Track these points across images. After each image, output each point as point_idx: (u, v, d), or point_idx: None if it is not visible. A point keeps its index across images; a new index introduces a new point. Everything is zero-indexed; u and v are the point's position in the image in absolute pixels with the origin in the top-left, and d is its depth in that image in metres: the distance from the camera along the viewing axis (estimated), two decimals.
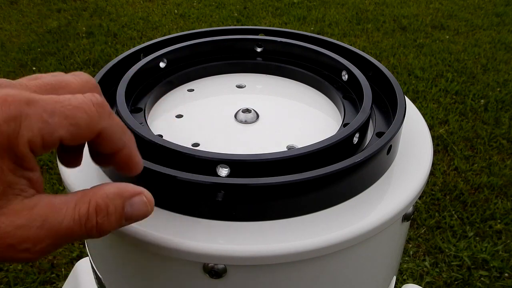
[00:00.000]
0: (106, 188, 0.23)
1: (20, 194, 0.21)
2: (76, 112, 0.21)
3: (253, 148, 0.36)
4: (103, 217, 0.22)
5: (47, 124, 0.20)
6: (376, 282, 0.37)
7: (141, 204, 0.24)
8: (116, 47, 2.34)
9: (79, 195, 0.22)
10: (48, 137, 0.21)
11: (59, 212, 0.21)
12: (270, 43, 0.47)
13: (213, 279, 0.29)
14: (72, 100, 0.21)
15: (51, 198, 0.21)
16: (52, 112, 0.21)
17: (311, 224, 0.29)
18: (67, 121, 0.21)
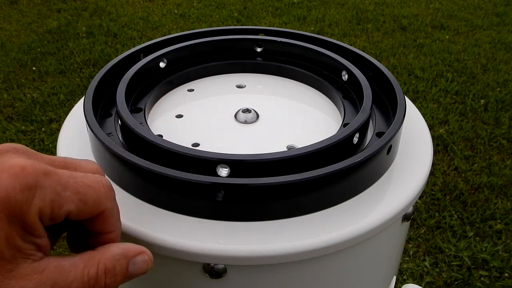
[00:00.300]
0: (112, 250, 0.24)
1: (29, 258, 0.21)
2: (87, 189, 0.23)
3: (253, 148, 0.36)
4: (111, 277, 0.23)
5: (59, 197, 0.21)
6: (376, 282, 0.37)
7: (143, 262, 0.25)
8: (116, 47, 2.34)
9: (86, 258, 0.23)
10: (57, 209, 0.22)
11: (68, 275, 0.22)
12: (270, 43, 0.47)
13: (213, 279, 0.29)
14: (85, 178, 0.23)
15: (59, 260, 0.22)
16: (65, 186, 0.22)
17: (311, 224, 0.29)
18: (77, 197, 0.22)
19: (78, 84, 2.02)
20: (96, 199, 0.23)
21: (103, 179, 0.24)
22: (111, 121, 0.38)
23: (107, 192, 0.24)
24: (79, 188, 0.22)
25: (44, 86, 2.01)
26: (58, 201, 0.21)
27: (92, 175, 0.23)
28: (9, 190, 0.20)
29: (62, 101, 1.90)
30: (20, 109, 1.84)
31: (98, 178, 0.24)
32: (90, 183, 0.23)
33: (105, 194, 0.23)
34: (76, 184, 0.22)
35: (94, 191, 0.23)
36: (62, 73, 2.12)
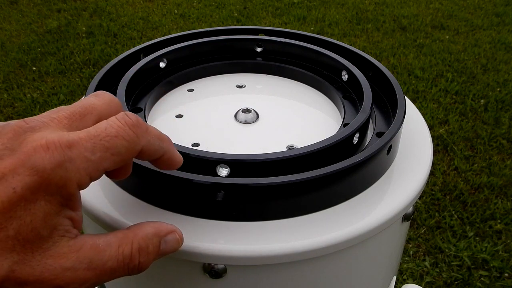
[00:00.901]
0: (144, 228, 0.24)
1: (64, 235, 0.21)
2: (115, 141, 0.22)
3: (253, 148, 0.36)
4: (144, 256, 0.24)
5: (91, 162, 0.21)
6: (376, 282, 0.37)
7: (174, 241, 0.25)
8: (116, 47, 2.34)
9: (120, 236, 0.23)
10: (94, 173, 0.21)
11: (104, 254, 0.22)
12: (270, 43, 0.47)
13: (213, 279, 0.29)
14: (109, 129, 0.22)
15: (94, 239, 0.22)
16: (93, 149, 0.21)
17: (311, 224, 0.29)
18: (108, 153, 0.22)
19: (78, 84, 2.02)
20: (128, 146, 0.22)
21: (127, 118, 0.23)
22: None
23: (137, 131, 0.23)
24: (107, 144, 0.21)
25: (44, 86, 2.01)
26: (92, 167, 0.21)
27: (115, 119, 0.22)
28: (40, 172, 0.20)
29: (62, 101, 1.90)
30: (20, 109, 1.84)
31: (123, 120, 0.22)
32: (115, 133, 0.22)
33: (136, 134, 0.22)
34: (103, 141, 0.21)
35: (123, 139, 0.22)
36: (62, 73, 2.12)
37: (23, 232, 0.20)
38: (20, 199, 0.20)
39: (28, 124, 0.21)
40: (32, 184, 0.20)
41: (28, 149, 0.20)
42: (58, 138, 0.21)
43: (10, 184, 0.19)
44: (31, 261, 0.20)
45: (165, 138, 0.25)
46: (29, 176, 0.20)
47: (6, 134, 0.21)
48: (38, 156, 0.20)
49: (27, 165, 0.20)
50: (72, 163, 0.20)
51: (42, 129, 0.21)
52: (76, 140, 0.21)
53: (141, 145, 0.23)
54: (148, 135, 0.23)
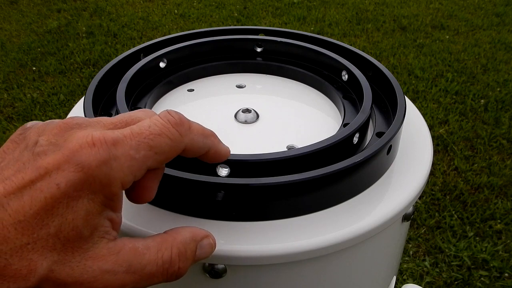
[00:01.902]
0: (182, 233, 0.24)
1: (104, 237, 0.21)
2: (159, 139, 0.21)
3: (253, 148, 0.36)
4: (183, 261, 0.23)
5: (135, 161, 0.21)
6: (376, 282, 0.37)
7: (208, 246, 0.25)
8: (116, 47, 2.34)
9: (159, 241, 0.23)
10: (137, 172, 0.21)
11: (143, 257, 0.22)
12: (270, 43, 0.47)
13: (213, 279, 0.29)
14: (152, 127, 0.22)
15: (134, 242, 0.22)
16: (137, 147, 0.21)
17: (311, 224, 0.29)
18: (152, 151, 0.21)
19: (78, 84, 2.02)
20: (171, 144, 0.22)
21: (170, 116, 0.22)
22: None
23: (180, 129, 0.22)
24: (151, 142, 0.21)
25: (44, 86, 2.01)
26: (136, 165, 0.21)
27: (158, 117, 0.22)
28: (86, 168, 0.19)
29: (62, 101, 1.90)
30: (20, 109, 1.84)
31: (166, 118, 0.22)
32: (159, 131, 0.22)
33: (179, 133, 0.22)
34: (147, 139, 0.21)
35: (167, 137, 0.22)
36: (62, 73, 2.12)
37: (65, 230, 0.19)
38: (64, 196, 0.19)
39: (74, 121, 0.21)
40: (77, 181, 0.19)
41: (73, 145, 0.20)
42: (103, 135, 0.20)
43: (54, 180, 0.19)
44: (71, 261, 0.20)
45: (208, 134, 0.25)
46: (73, 173, 0.19)
47: (52, 130, 0.21)
48: (84, 153, 0.19)
49: (72, 162, 0.19)
50: (117, 161, 0.20)
51: (88, 128, 0.21)
52: (121, 138, 0.21)
53: (184, 143, 0.23)
54: (191, 133, 0.23)
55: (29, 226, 0.19)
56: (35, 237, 0.19)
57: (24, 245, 0.18)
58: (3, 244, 0.18)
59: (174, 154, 0.23)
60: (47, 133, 0.21)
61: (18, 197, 0.19)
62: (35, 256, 0.19)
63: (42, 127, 0.21)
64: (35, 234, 0.19)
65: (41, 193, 0.19)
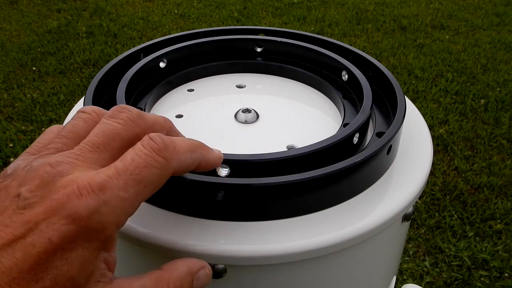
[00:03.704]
0: (178, 268, 0.23)
1: (100, 281, 0.21)
2: (145, 172, 0.21)
3: (253, 148, 0.36)
4: None
5: (127, 201, 0.20)
6: (376, 282, 0.37)
7: (204, 277, 0.24)
8: (116, 47, 2.34)
9: (153, 279, 0.22)
10: (130, 210, 0.21)
11: None
12: (270, 43, 0.47)
13: (213, 279, 0.29)
14: (136, 160, 0.21)
15: (130, 282, 0.22)
16: (125, 186, 0.20)
17: (311, 224, 0.29)
18: (141, 186, 0.21)
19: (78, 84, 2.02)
20: (159, 173, 0.21)
21: (152, 142, 0.22)
22: None
23: (165, 154, 0.22)
24: (138, 177, 0.21)
25: (44, 86, 2.01)
26: (128, 205, 0.20)
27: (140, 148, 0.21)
28: (77, 220, 0.19)
29: (62, 101, 1.90)
30: (20, 109, 1.84)
31: (148, 146, 0.21)
32: (144, 162, 0.21)
33: (165, 158, 0.22)
34: (133, 175, 0.20)
35: (153, 167, 0.21)
36: (62, 73, 2.12)
37: (60, 282, 0.19)
38: (57, 249, 0.19)
39: (55, 168, 0.20)
40: (69, 233, 0.19)
41: (60, 196, 0.19)
42: (88, 181, 0.20)
43: (45, 234, 0.19)
44: None
45: (195, 148, 0.24)
46: (65, 225, 0.19)
47: (33, 180, 0.20)
48: (72, 204, 0.19)
49: (62, 214, 0.19)
50: (108, 206, 0.20)
51: (70, 172, 0.20)
52: (106, 181, 0.20)
53: (172, 168, 0.22)
54: (177, 155, 0.22)
55: (24, 282, 0.18)
56: None
57: None
58: None
59: (164, 181, 0.22)
60: (29, 183, 0.20)
61: (10, 253, 0.18)
62: None
63: (22, 175, 0.21)
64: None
65: (33, 248, 0.18)
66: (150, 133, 0.22)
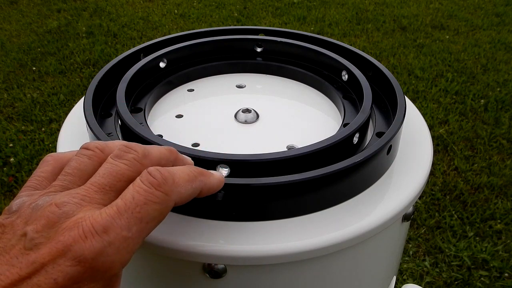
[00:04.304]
0: None
1: None
2: (146, 209, 0.21)
3: (253, 148, 0.36)
4: None
5: (130, 240, 0.21)
6: (376, 282, 0.37)
7: None
8: (116, 47, 2.34)
9: None
10: (134, 247, 0.21)
11: None
12: (270, 43, 0.47)
13: (213, 279, 0.29)
14: (136, 197, 0.21)
15: None
16: (128, 225, 0.21)
17: (311, 224, 0.29)
18: (143, 223, 0.21)
19: (78, 84, 2.02)
20: (160, 208, 0.22)
21: (151, 179, 0.22)
22: (111, 121, 0.38)
23: (165, 189, 0.22)
24: (139, 215, 0.21)
25: (44, 86, 2.01)
26: (132, 243, 0.21)
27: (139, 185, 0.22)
28: (82, 262, 0.19)
29: (62, 101, 1.90)
30: (20, 109, 1.84)
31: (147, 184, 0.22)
32: (144, 200, 0.21)
33: (165, 193, 0.22)
34: (135, 213, 0.21)
35: (153, 203, 0.21)
36: (62, 73, 2.12)
37: None
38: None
39: (61, 209, 0.21)
40: (75, 274, 0.19)
41: (65, 238, 0.20)
42: (92, 223, 0.20)
43: (51, 275, 0.19)
44: None
45: (194, 177, 0.24)
46: (70, 267, 0.19)
47: (39, 221, 0.20)
48: (78, 247, 0.19)
49: (68, 256, 0.19)
50: (112, 246, 0.20)
51: (76, 212, 0.21)
52: (110, 222, 0.20)
53: (173, 201, 0.22)
54: (177, 187, 0.23)
55: None
56: None
57: None
58: None
59: (165, 215, 0.22)
60: (35, 223, 0.20)
61: None
62: None
63: (28, 213, 0.21)
64: None
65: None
66: (149, 168, 0.22)
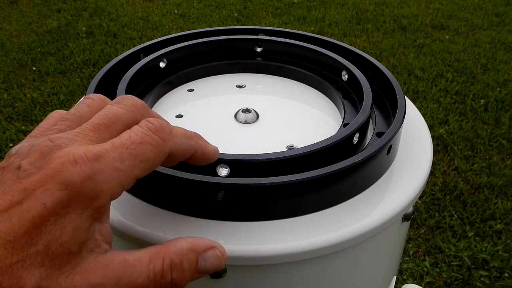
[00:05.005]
0: (179, 244, 0.23)
1: (93, 251, 0.21)
2: (141, 148, 0.22)
3: (253, 148, 0.36)
4: (178, 273, 0.22)
5: (121, 172, 0.21)
6: (376, 282, 0.37)
7: (214, 258, 0.24)
8: (116, 47, 2.34)
9: (152, 252, 0.22)
10: (125, 182, 0.21)
11: (134, 270, 0.21)
12: (270, 43, 0.47)
13: (213, 279, 0.29)
14: (133, 136, 0.22)
15: (124, 255, 0.22)
16: (121, 158, 0.21)
17: (311, 224, 0.29)
18: (137, 160, 0.22)
19: (78, 84, 2.02)
20: (155, 151, 0.22)
21: (150, 124, 0.23)
22: None
23: (162, 135, 0.22)
24: (134, 152, 0.21)
25: (44, 86, 2.01)
26: (122, 176, 0.21)
27: (138, 127, 0.22)
28: (70, 186, 0.20)
29: (62, 101, 1.90)
30: (20, 109, 1.84)
31: (145, 126, 0.22)
32: (140, 139, 0.22)
33: (161, 138, 0.22)
34: (129, 149, 0.21)
35: (149, 144, 0.22)
36: (62, 73, 2.12)
37: (53, 247, 0.20)
38: (51, 214, 0.19)
39: (54, 142, 0.21)
40: (63, 199, 0.20)
41: (55, 165, 0.20)
42: (84, 151, 0.21)
43: (40, 199, 0.19)
44: (59, 277, 0.20)
45: (192, 136, 0.25)
46: (59, 191, 0.20)
47: (33, 154, 0.21)
48: (67, 171, 0.20)
49: (57, 180, 0.20)
50: (102, 174, 0.20)
51: (68, 145, 0.21)
52: (102, 152, 0.21)
53: (168, 148, 0.23)
54: (174, 137, 0.23)
55: (19, 246, 0.19)
56: (24, 255, 0.19)
57: (14, 263, 0.19)
58: None
59: (160, 160, 0.23)
60: (29, 156, 0.21)
61: (6, 219, 0.19)
62: (24, 274, 0.19)
63: (25, 151, 0.21)
64: (24, 253, 0.19)
65: (28, 213, 0.19)
66: (148, 117, 0.23)
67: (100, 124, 0.23)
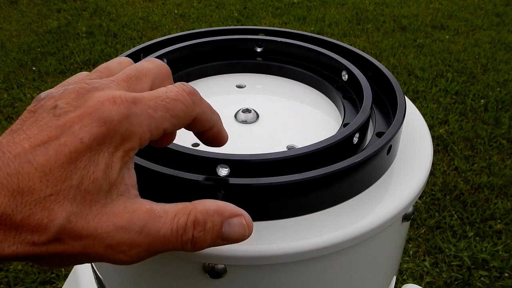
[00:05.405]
0: (206, 204, 0.23)
1: (123, 195, 0.22)
2: (175, 104, 0.23)
3: (253, 148, 0.36)
4: (200, 232, 0.23)
5: (153, 120, 0.22)
6: (376, 282, 0.37)
7: (239, 226, 0.24)
8: (116, 47, 2.34)
9: (179, 206, 0.23)
10: (155, 131, 0.22)
11: (159, 220, 0.22)
12: (270, 43, 0.47)
13: (213, 279, 0.29)
14: (169, 93, 0.23)
15: (152, 204, 0.22)
16: (155, 107, 0.22)
17: (311, 224, 0.29)
18: (168, 114, 0.23)
19: None
20: (185, 110, 0.23)
21: (185, 86, 0.24)
22: None
23: (193, 98, 0.24)
24: (168, 105, 0.23)
25: (44, 86, 2.01)
26: (154, 124, 0.22)
27: (173, 87, 0.24)
28: (108, 123, 0.20)
29: None
30: (20, 109, 1.84)
31: (181, 87, 0.24)
32: (175, 96, 0.23)
33: (192, 101, 0.24)
34: (164, 102, 0.22)
35: (182, 103, 0.23)
36: (62, 73, 2.12)
37: (85, 182, 0.20)
38: (86, 150, 0.20)
39: (89, 85, 0.22)
40: (99, 135, 0.20)
41: (94, 103, 0.21)
42: (123, 94, 0.21)
43: (77, 135, 0.20)
44: (88, 214, 0.20)
45: (216, 112, 0.26)
46: (96, 127, 0.20)
47: (70, 95, 0.21)
48: (106, 109, 0.21)
49: (95, 117, 0.20)
50: (137, 117, 0.21)
51: (105, 89, 0.22)
52: (140, 98, 0.22)
53: (196, 112, 0.24)
54: (202, 105, 0.25)
55: (53, 179, 0.19)
56: (57, 189, 0.20)
57: (48, 196, 0.19)
58: (28, 195, 0.19)
59: (187, 120, 0.24)
60: (65, 97, 0.21)
61: (44, 152, 0.20)
62: (56, 207, 0.20)
63: (58, 93, 0.22)
64: (58, 186, 0.20)
65: (65, 147, 0.20)
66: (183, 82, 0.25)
67: (132, 75, 0.24)
